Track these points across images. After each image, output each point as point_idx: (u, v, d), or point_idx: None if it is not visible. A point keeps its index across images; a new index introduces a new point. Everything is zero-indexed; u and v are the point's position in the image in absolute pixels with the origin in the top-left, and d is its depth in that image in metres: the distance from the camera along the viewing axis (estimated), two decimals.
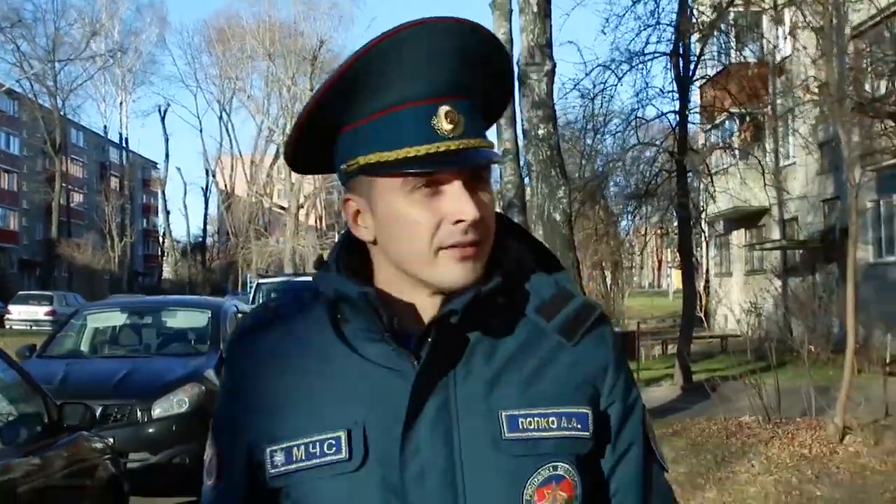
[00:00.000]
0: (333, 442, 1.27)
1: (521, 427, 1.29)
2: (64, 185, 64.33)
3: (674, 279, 51.81)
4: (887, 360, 14.28)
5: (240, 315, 10.06)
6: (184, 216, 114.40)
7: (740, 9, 19.21)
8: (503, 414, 1.29)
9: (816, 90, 10.07)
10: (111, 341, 9.35)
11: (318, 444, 1.28)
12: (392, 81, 1.26)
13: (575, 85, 15.18)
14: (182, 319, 9.78)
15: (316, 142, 1.34)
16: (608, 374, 1.38)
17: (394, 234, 1.31)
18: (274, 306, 1.41)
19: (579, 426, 1.33)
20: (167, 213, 70.87)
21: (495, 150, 1.36)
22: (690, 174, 14.04)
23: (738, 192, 23.73)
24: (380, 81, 1.26)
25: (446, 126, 1.26)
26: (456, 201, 1.27)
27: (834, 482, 7.65)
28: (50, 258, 57.84)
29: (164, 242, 78.54)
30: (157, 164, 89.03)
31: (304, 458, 1.28)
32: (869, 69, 12.82)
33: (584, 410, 1.34)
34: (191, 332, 9.47)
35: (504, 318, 1.35)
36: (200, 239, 75.23)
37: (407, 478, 1.26)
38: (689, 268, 14.99)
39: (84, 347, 9.14)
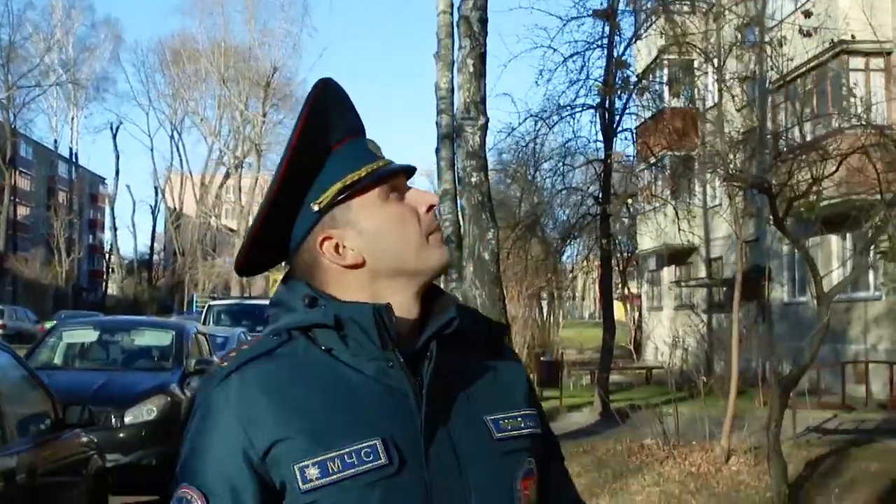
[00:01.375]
0: (369, 450, 1.32)
1: (502, 428, 1.44)
2: (11, 198, 64.16)
3: (616, 311, 52.47)
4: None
5: (200, 335, 11.17)
6: (132, 233, 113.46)
7: (673, 56, 20.63)
8: (487, 418, 1.44)
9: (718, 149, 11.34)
10: (85, 356, 10.41)
11: (353, 454, 1.32)
12: (339, 119, 1.48)
13: (510, 132, 16.51)
14: (148, 338, 10.85)
15: (280, 219, 1.46)
16: (527, 383, 1.58)
17: (388, 237, 1.44)
18: (249, 351, 1.41)
19: (534, 425, 1.51)
20: (115, 229, 70.71)
21: None
22: (612, 217, 15.32)
23: (667, 231, 25.02)
24: (335, 119, 1.48)
25: (375, 150, 1.50)
26: (419, 194, 1.49)
27: (711, 494, 8.91)
28: None
29: (110, 259, 78.04)
30: (104, 179, 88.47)
31: (340, 468, 1.31)
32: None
33: (533, 412, 1.52)
34: (155, 350, 10.56)
35: (454, 337, 1.44)
36: (147, 257, 74.99)
37: (435, 477, 1.35)
38: (608, 303, 16.23)
39: (59, 361, 10.17)
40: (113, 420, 8.35)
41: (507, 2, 34.05)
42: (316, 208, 1.44)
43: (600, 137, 15.52)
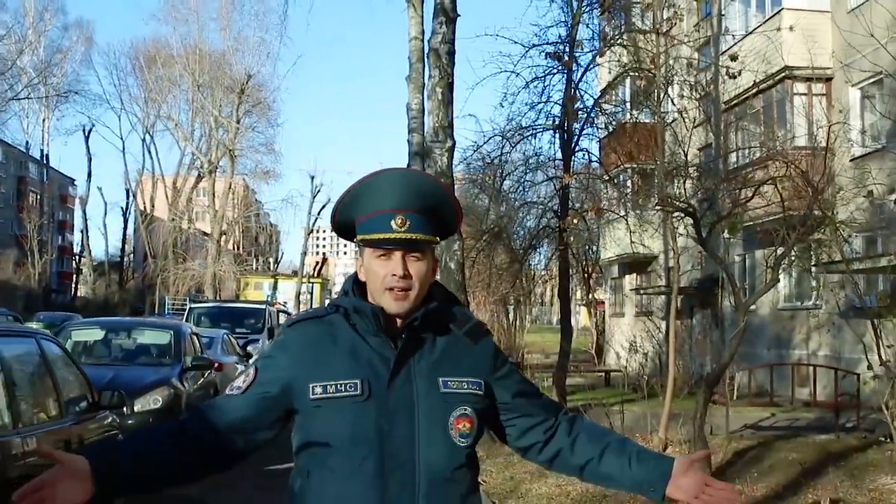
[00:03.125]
0: (352, 385, 2.31)
1: (448, 386, 2.38)
2: None
3: (582, 317, 53.35)
4: (735, 392, 17.14)
5: (193, 335, 12.37)
6: (103, 235, 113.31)
7: (635, 73, 21.81)
8: (440, 379, 2.38)
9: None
10: (92, 352, 11.54)
11: (343, 385, 2.31)
12: (373, 198, 2.37)
13: (476, 149, 17.81)
14: (149, 337, 12.04)
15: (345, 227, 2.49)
16: (494, 357, 2.52)
17: (369, 278, 2.40)
18: (316, 310, 2.52)
19: (476, 389, 2.42)
20: (86, 231, 70.75)
21: (433, 241, 2.42)
22: (567, 230, 16.49)
23: (626, 242, 26.11)
24: (367, 199, 2.39)
25: (397, 225, 2.32)
26: (393, 265, 2.35)
27: None
28: None
29: (80, 261, 77.91)
30: (74, 180, 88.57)
31: (334, 391, 2.31)
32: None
33: (479, 380, 2.44)
34: (154, 348, 11.74)
35: (438, 329, 2.43)
36: (118, 259, 74.93)
37: (389, 407, 2.31)
38: (566, 310, 17.39)
39: None
40: (123, 409, 9.46)
41: (475, 29, 35.14)
42: (356, 241, 2.45)
43: (559, 156, 16.80)
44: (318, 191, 59.10)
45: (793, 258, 11.64)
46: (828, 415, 14.88)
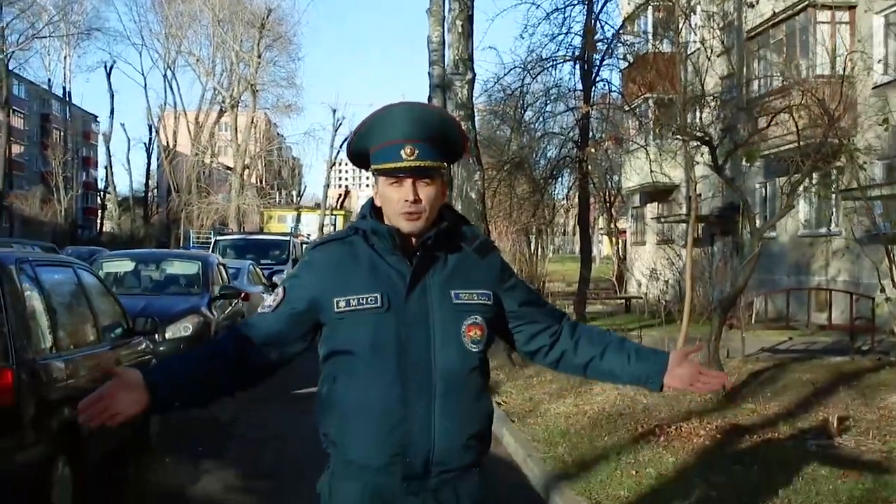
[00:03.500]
0: (373, 299, 2.55)
1: (460, 297, 2.62)
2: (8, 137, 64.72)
3: (604, 246, 53.44)
4: (754, 318, 17.38)
5: (220, 265, 12.70)
6: (126, 171, 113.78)
7: (656, 3, 21.70)
8: (452, 291, 2.61)
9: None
10: (123, 283, 11.90)
11: (365, 298, 2.55)
12: (385, 130, 2.57)
13: (497, 81, 17.88)
14: (178, 268, 12.39)
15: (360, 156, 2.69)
16: (501, 270, 2.76)
17: (384, 203, 2.62)
18: (338, 233, 2.73)
19: (486, 299, 2.67)
20: (110, 167, 71.18)
21: (441, 167, 2.61)
22: (594, 157, 16.64)
23: (647, 171, 26.22)
24: (379, 130, 2.59)
25: (406, 154, 2.53)
26: (405, 191, 2.55)
27: (660, 396, 10.37)
28: None
29: (104, 196, 78.46)
30: (97, 117, 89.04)
31: (357, 304, 2.55)
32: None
33: (488, 291, 2.68)
34: (183, 278, 12.08)
35: (449, 247, 2.65)
36: (142, 194, 75.38)
37: (407, 318, 2.55)
38: (585, 239, 17.64)
39: None
40: (156, 336, 9.81)
41: None
42: (371, 171, 2.65)
43: (580, 87, 16.86)
44: (340, 124, 59.00)
45: (811, 185, 11.75)
46: (844, 338, 15.06)
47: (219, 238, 25.69)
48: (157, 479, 7.35)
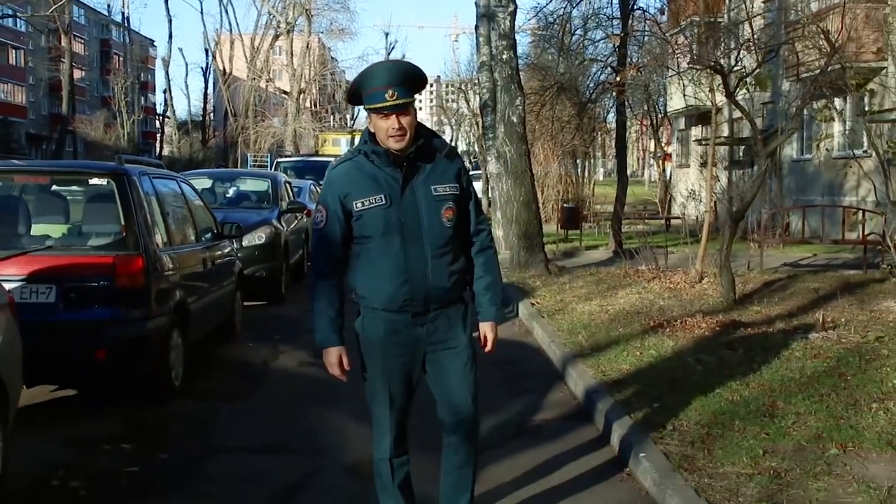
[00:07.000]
0: (379, 199, 3.76)
1: (437, 191, 3.83)
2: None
3: (655, 169, 53.88)
4: (786, 234, 18.38)
5: (287, 183, 14.15)
6: (185, 95, 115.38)
7: None
8: (432, 187, 3.83)
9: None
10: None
11: (373, 199, 3.76)
12: (372, 80, 3.69)
13: (538, 11, 18.89)
14: (250, 185, 13.91)
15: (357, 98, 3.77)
16: (461, 172, 3.93)
17: (377, 132, 3.74)
18: (346, 155, 3.92)
19: (455, 190, 3.87)
20: (169, 91, 72.55)
21: (413, 100, 3.70)
22: (631, 81, 17.58)
23: (694, 93, 26.86)
24: (368, 81, 3.71)
25: (389, 96, 3.63)
26: (391, 122, 3.68)
27: (675, 297, 11.63)
28: (62, 133, 60.28)
29: (164, 121, 79.91)
30: (154, 41, 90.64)
31: (370, 204, 3.76)
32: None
33: (455, 185, 3.89)
34: (254, 194, 13.56)
35: (427, 156, 3.83)
36: (200, 118, 76.58)
37: (403, 209, 3.76)
38: (622, 160, 18.71)
39: None
40: (234, 244, 11.27)
41: None
42: (364, 108, 3.76)
43: (618, 14, 17.85)
44: (393, 48, 59.90)
45: (830, 108, 12.48)
46: (869, 255, 15.98)
47: (279, 160, 26.87)
48: (242, 357, 8.88)
